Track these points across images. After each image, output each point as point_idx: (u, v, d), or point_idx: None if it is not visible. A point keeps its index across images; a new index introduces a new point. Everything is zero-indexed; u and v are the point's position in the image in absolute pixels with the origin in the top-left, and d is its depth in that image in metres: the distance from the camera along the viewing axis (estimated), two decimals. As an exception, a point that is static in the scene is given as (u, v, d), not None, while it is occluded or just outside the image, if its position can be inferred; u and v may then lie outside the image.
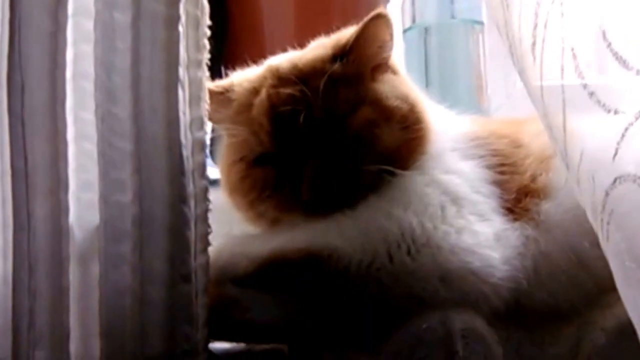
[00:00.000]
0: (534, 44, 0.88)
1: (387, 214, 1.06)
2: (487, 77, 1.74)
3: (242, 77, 1.22)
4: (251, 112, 1.16)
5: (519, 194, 1.10)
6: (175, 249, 1.02)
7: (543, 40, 0.87)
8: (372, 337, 1.02)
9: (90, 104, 1.04)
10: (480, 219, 1.07)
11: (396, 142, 1.12)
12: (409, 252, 1.03)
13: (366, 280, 1.02)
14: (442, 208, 1.06)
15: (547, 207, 1.09)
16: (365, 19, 1.16)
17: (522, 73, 0.93)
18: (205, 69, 1.06)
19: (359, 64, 1.16)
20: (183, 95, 1.03)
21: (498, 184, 1.10)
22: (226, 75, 1.25)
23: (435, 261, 1.02)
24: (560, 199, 1.08)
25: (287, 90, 1.13)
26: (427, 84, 1.70)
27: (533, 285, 1.05)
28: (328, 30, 1.24)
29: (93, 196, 1.04)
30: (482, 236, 1.04)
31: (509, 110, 1.84)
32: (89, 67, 1.04)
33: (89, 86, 1.04)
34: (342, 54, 1.16)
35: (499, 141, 1.15)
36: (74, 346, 1.02)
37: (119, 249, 1.02)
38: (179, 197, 1.03)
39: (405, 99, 1.15)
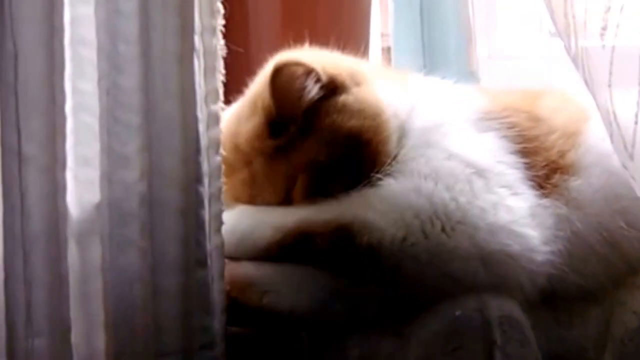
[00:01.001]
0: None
1: (417, 188, 1.00)
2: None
3: None
4: None
5: (548, 170, 1.05)
6: (189, 231, 0.94)
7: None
8: (399, 320, 0.97)
9: (90, 73, 0.94)
10: (510, 191, 1.02)
11: (349, 178, 1.05)
12: (443, 229, 0.97)
13: (401, 255, 0.97)
14: (469, 182, 1.01)
15: (577, 185, 1.05)
16: (268, 76, 1.06)
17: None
18: (220, 36, 0.97)
19: (289, 123, 1.07)
20: (198, 65, 0.94)
21: (522, 155, 1.05)
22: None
23: (474, 241, 0.97)
24: (591, 176, 1.05)
25: (239, 177, 1.08)
26: (422, 41, 1.65)
27: (567, 268, 1.01)
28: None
29: (92, 173, 0.95)
30: (517, 212, 1.00)
31: (491, 71, 1.82)
32: (88, 32, 0.94)
33: (88, 53, 0.94)
34: (272, 120, 1.08)
35: (516, 115, 1.10)
36: (75, 339, 0.93)
37: (125, 232, 0.93)
38: (194, 176, 0.95)
39: (338, 135, 1.06)
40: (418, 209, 0.98)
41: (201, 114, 0.95)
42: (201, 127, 0.95)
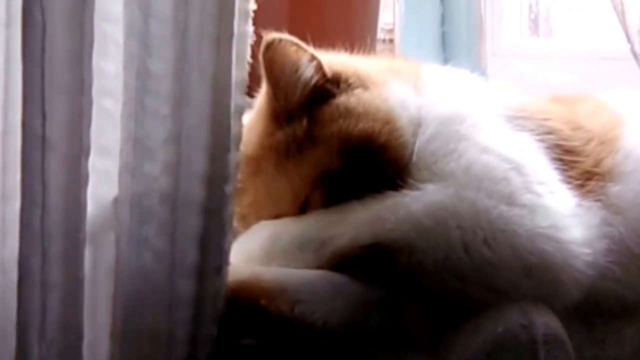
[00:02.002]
0: None
1: (459, 196, 0.95)
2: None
3: None
4: None
5: (584, 179, 1.02)
6: (210, 234, 0.87)
7: None
8: (436, 336, 0.92)
9: (113, 53, 0.86)
10: (547, 189, 0.98)
11: (370, 186, 1.00)
12: (485, 241, 0.93)
13: (443, 274, 0.92)
14: (508, 180, 0.97)
15: (616, 190, 1.01)
16: (261, 54, 1.00)
17: None
18: (251, 22, 0.89)
19: (293, 113, 1.03)
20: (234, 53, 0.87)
21: (557, 162, 1.02)
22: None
23: (515, 251, 0.93)
24: (631, 182, 1.02)
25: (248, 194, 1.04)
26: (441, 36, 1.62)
27: (608, 272, 0.98)
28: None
29: (110, 164, 0.86)
30: (556, 214, 0.96)
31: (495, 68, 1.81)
32: (114, 8, 0.85)
33: (113, 30, 0.85)
34: (274, 108, 1.03)
35: (554, 120, 1.06)
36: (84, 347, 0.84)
37: (142, 231, 0.85)
38: (221, 174, 0.87)
39: (348, 141, 1.01)
40: (461, 219, 0.94)
41: (233, 105, 0.87)
42: (232, 121, 0.87)
